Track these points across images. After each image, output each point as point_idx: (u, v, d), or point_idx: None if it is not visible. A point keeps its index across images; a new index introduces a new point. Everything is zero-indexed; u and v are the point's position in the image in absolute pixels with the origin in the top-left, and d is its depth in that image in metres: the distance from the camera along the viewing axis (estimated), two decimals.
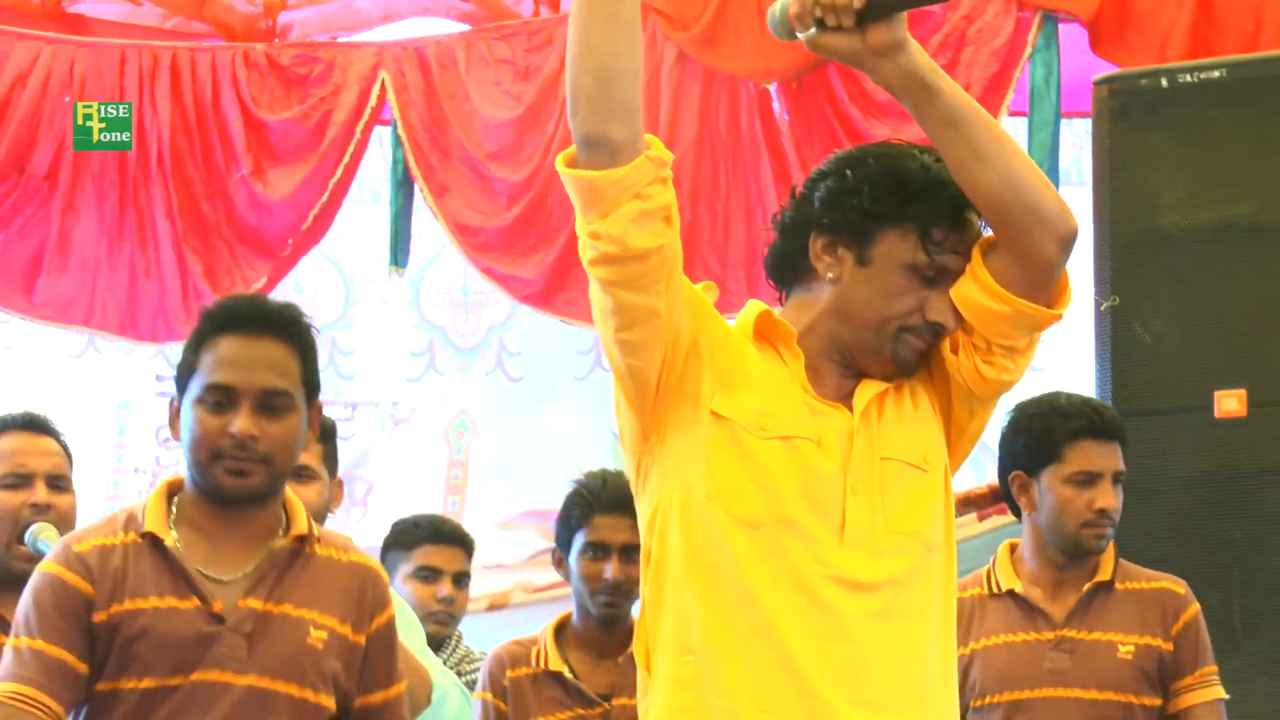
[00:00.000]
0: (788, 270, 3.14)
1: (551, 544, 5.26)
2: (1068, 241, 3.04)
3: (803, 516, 2.98)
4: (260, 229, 7.54)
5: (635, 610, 3.75)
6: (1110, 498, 4.59)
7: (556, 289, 7.23)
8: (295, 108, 7.44)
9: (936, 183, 3.07)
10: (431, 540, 5.73)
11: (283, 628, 3.41)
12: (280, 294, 7.74)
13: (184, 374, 3.44)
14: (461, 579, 5.77)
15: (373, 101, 7.39)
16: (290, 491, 3.58)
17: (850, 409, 3.06)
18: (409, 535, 5.75)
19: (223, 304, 3.49)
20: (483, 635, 6.05)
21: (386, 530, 6.47)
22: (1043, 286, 3.06)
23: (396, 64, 7.39)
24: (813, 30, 2.96)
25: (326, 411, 5.14)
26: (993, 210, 3.00)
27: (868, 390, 3.07)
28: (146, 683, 3.35)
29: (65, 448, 4.54)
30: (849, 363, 3.09)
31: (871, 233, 3.05)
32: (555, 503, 5.03)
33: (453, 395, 8.35)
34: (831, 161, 3.15)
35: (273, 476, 3.43)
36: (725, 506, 2.98)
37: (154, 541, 3.40)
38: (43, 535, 4.29)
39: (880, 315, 3.06)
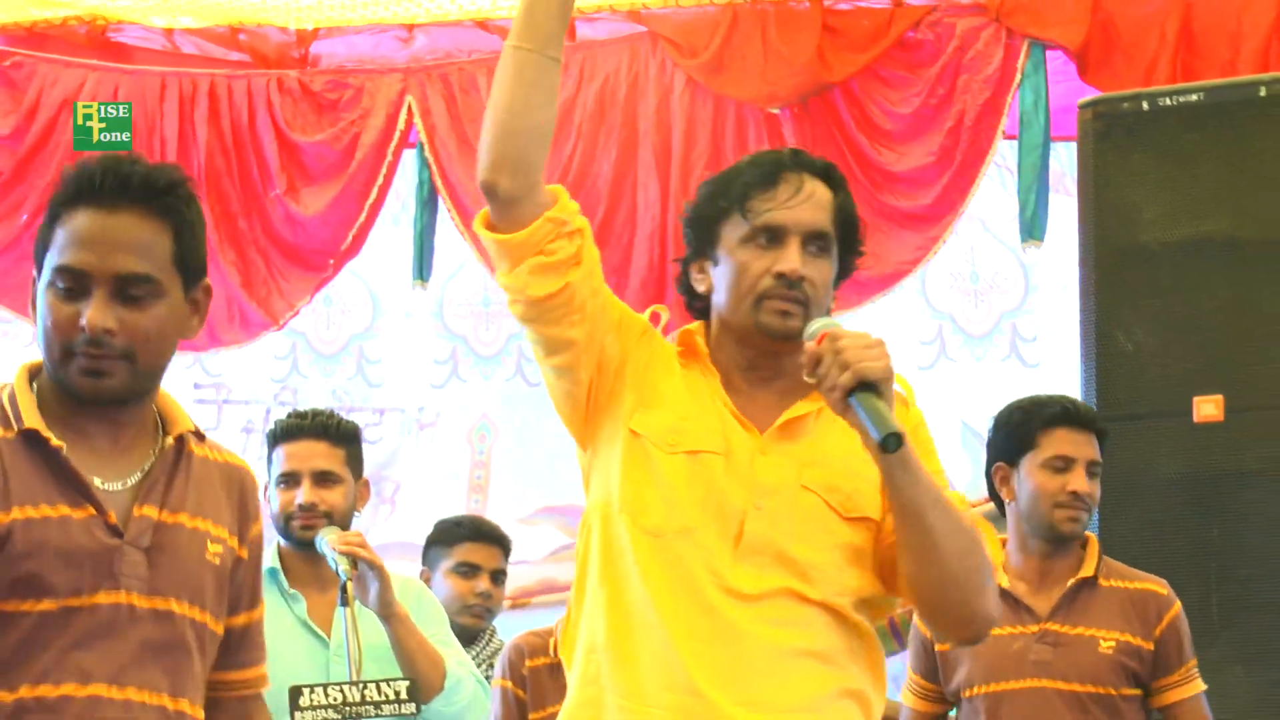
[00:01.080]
0: (697, 306, 3.22)
1: (570, 540, 5.48)
2: (968, 641, 3.18)
3: (701, 527, 3.04)
4: (295, 244, 7.58)
5: None
6: (1083, 482, 4.69)
7: None
8: (326, 130, 7.49)
9: (744, 165, 3.19)
10: (471, 538, 5.95)
11: (180, 540, 2.89)
12: (310, 305, 7.91)
13: (39, 251, 2.86)
14: (498, 576, 5.97)
15: (401, 125, 7.45)
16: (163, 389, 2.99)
17: (766, 427, 3.10)
18: (450, 533, 5.98)
19: (81, 168, 2.85)
20: (505, 628, 6.16)
21: (413, 527, 6.65)
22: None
23: (421, 88, 7.46)
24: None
25: (353, 417, 5.30)
26: (921, 597, 3.05)
27: (795, 410, 3.11)
28: (45, 605, 2.77)
29: None
30: (762, 371, 3.14)
31: (714, 236, 3.15)
32: (573, 499, 5.11)
33: (474, 400, 8.38)
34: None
35: (136, 376, 2.84)
36: (633, 517, 3.07)
37: (34, 439, 2.82)
38: None
39: (737, 295, 3.11)
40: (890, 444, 2.86)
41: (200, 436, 3.00)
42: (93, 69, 7.50)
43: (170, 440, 2.93)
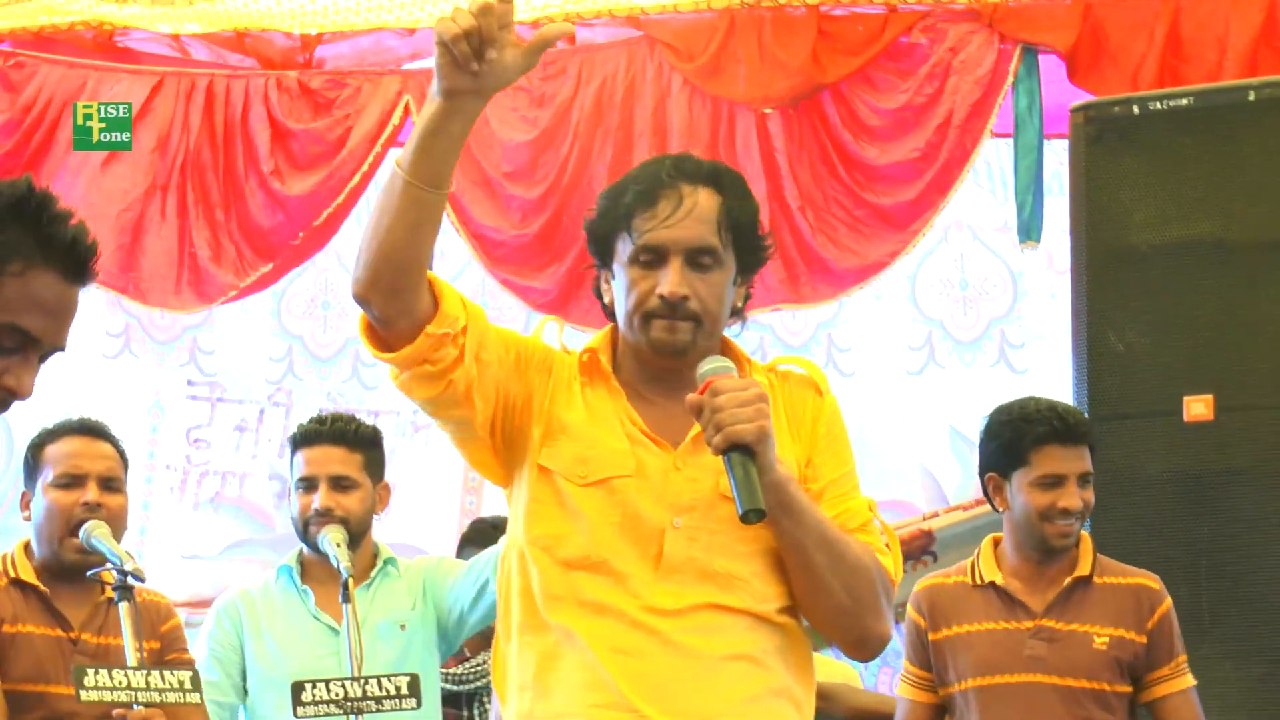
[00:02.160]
0: (610, 312, 3.22)
1: None
2: (865, 658, 3.22)
3: (616, 555, 3.05)
4: (273, 228, 7.58)
5: None
6: (1074, 498, 4.70)
7: (569, 298, 7.37)
8: (320, 121, 7.52)
9: (629, 179, 3.16)
10: (499, 539, 6.04)
11: None
12: (307, 310, 7.94)
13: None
14: None
15: (395, 120, 7.48)
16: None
17: (676, 441, 3.11)
18: (484, 535, 6.06)
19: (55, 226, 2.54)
20: None
21: (408, 528, 6.70)
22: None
23: (421, 89, 7.48)
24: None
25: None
26: (814, 623, 3.12)
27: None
28: None
29: (121, 452, 4.78)
30: (667, 382, 3.14)
31: (609, 251, 3.17)
32: None
33: None
34: None
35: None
36: (548, 552, 3.09)
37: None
38: (96, 532, 4.55)
39: (626, 313, 3.13)
40: (748, 519, 2.91)
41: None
42: (95, 69, 7.53)
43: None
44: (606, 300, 3.20)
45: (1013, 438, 4.75)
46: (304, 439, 5.01)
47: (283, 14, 7.53)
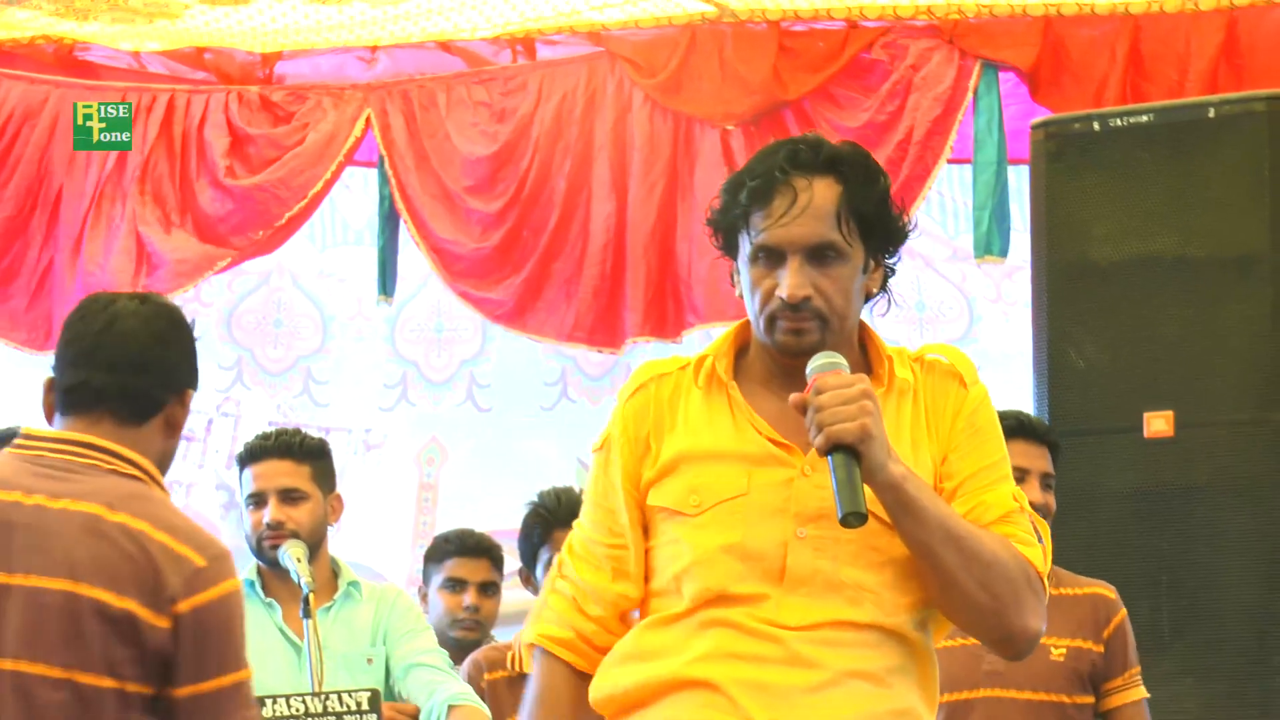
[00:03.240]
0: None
1: (519, 564, 5.53)
2: (1013, 657, 3.04)
3: (738, 580, 2.94)
4: (224, 217, 7.61)
5: None
6: (1036, 494, 4.75)
7: (525, 309, 7.40)
8: (281, 128, 7.57)
9: (745, 172, 3.02)
10: (457, 553, 6.01)
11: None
12: (258, 325, 7.94)
13: None
14: (487, 588, 6.04)
15: (357, 132, 7.55)
16: None
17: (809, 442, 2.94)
18: (440, 550, 6.06)
19: None
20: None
21: (358, 546, 6.69)
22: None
23: (381, 104, 7.55)
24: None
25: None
26: (953, 621, 3.01)
27: None
28: None
29: None
30: (800, 379, 2.97)
31: (732, 245, 3.04)
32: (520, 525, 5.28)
33: (424, 423, 8.44)
34: None
35: None
36: (665, 599, 3.02)
37: None
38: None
39: (753, 313, 3.01)
40: (848, 522, 2.82)
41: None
42: (55, 85, 7.56)
43: None
44: (738, 293, 3.06)
45: None
46: (250, 455, 4.99)
47: (243, 33, 7.55)
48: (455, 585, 5.97)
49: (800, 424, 2.91)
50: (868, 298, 3.07)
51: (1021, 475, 4.64)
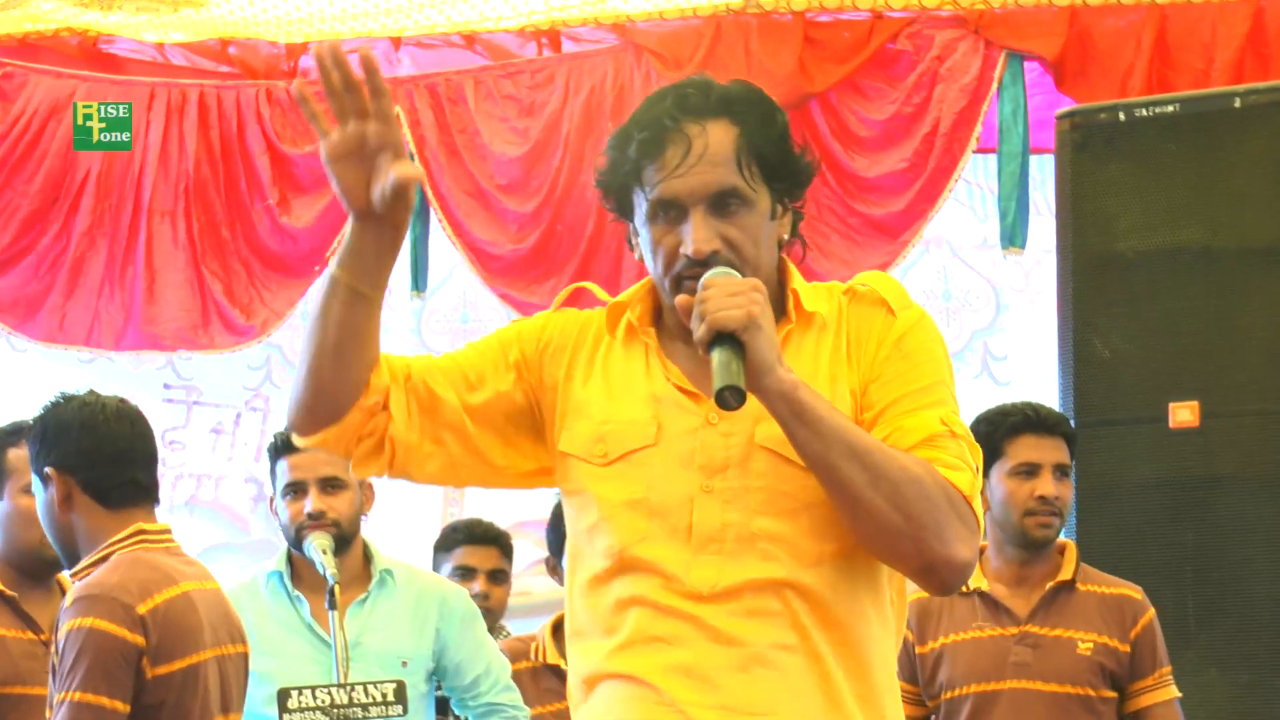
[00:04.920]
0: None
1: (544, 553, 5.55)
2: (939, 591, 2.77)
3: (649, 536, 2.76)
4: (283, 254, 7.66)
5: None
6: (1050, 486, 4.77)
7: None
8: (317, 143, 7.57)
9: (631, 126, 2.81)
10: (466, 542, 6.05)
11: None
12: (286, 320, 7.97)
13: None
14: (497, 575, 6.07)
15: None
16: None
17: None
18: (448, 539, 6.10)
19: None
20: None
21: (388, 537, 6.70)
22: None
23: (409, 100, 7.56)
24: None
25: None
26: (869, 550, 2.73)
27: None
28: None
29: None
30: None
31: (626, 207, 2.85)
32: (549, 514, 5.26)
33: None
34: None
35: None
36: (577, 559, 2.86)
37: None
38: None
39: (658, 274, 2.81)
40: (721, 400, 2.61)
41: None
42: (83, 79, 7.58)
43: None
44: (637, 256, 2.87)
45: (988, 432, 4.79)
46: (286, 446, 4.98)
47: (267, 22, 7.58)
48: (465, 573, 5.99)
49: (707, 378, 2.70)
50: (780, 246, 2.86)
51: (1034, 469, 4.77)
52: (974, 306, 8.27)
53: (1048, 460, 4.82)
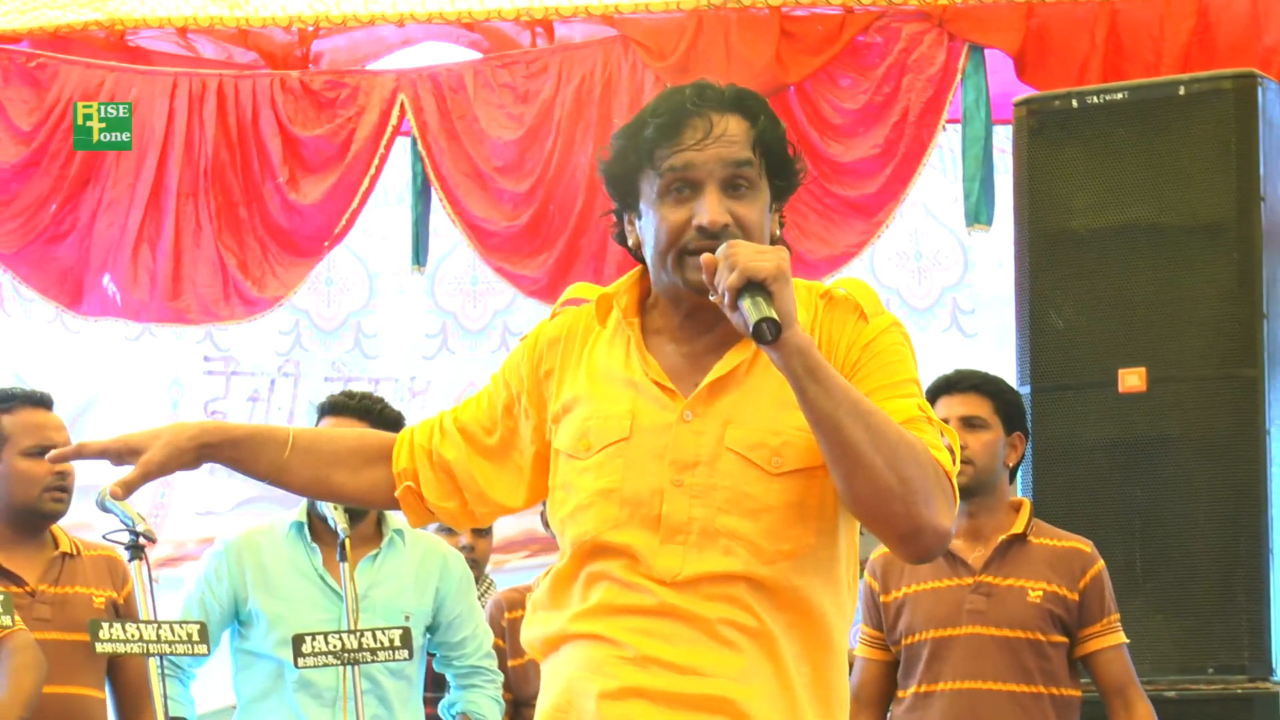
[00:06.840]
0: (638, 256, 2.94)
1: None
2: (922, 557, 2.79)
3: (622, 524, 2.81)
4: (292, 231, 7.83)
5: None
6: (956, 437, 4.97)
7: (558, 283, 7.53)
8: (325, 126, 7.75)
9: (648, 112, 2.87)
10: None
11: None
12: (311, 286, 8.16)
13: None
14: (480, 529, 6.33)
15: (393, 121, 7.71)
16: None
17: (695, 387, 2.83)
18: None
19: None
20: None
21: None
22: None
23: (413, 88, 7.75)
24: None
25: (356, 386, 5.57)
26: (859, 513, 2.76)
27: (727, 363, 2.84)
28: None
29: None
30: (699, 323, 2.86)
31: (633, 192, 2.87)
32: None
33: (463, 370, 8.69)
34: None
35: None
36: (566, 538, 2.91)
37: None
38: (109, 498, 5.03)
39: (660, 250, 2.82)
40: (761, 331, 2.61)
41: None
42: (110, 70, 7.73)
43: None
44: (631, 243, 2.90)
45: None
46: (332, 408, 5.20)
47: (283, 5, 7.79)
48: (449, 529, 6.13)
49: (686, 375, 2.83)
50: (771, 241, 2.87)
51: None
52: (943, 265, 8.48)
53: (953, 414, 4.93)
